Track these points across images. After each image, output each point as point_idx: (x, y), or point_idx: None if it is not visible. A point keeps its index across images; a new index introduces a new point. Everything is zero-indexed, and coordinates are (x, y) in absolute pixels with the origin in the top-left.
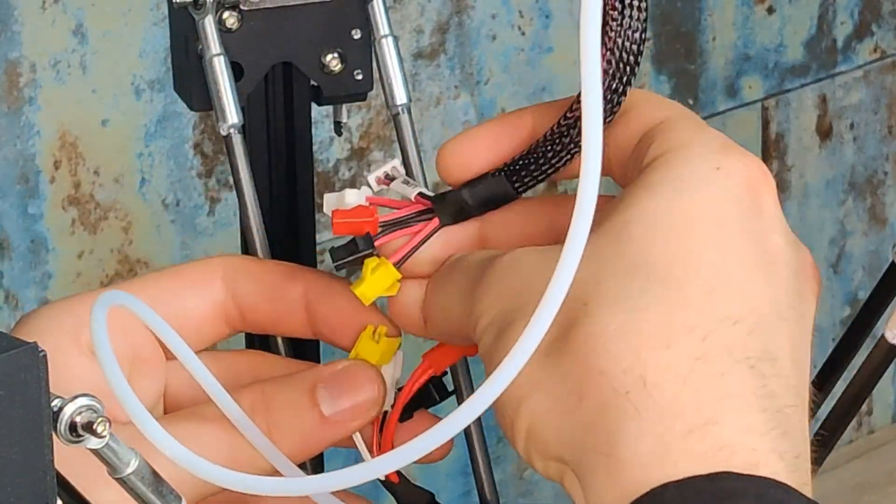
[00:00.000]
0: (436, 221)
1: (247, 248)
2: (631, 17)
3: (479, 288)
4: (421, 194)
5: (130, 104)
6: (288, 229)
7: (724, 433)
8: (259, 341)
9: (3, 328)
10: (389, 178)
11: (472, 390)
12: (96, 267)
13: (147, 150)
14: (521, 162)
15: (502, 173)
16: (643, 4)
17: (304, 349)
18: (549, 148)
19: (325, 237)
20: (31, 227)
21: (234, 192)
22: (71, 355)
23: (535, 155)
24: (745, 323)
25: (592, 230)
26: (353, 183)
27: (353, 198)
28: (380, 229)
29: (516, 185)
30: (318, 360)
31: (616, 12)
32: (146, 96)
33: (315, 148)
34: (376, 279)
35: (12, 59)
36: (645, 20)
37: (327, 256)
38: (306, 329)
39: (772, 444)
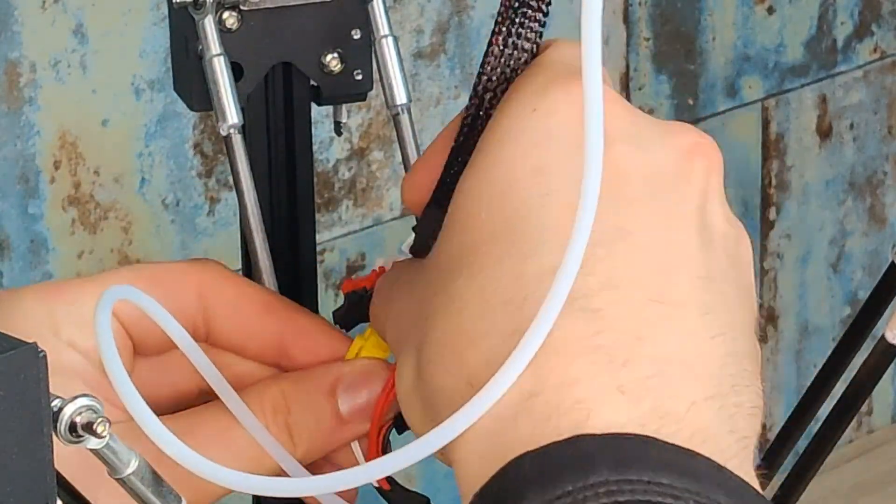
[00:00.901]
0: None
1: (247, 249)
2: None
3: (388, 306)
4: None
5: (130, 104)
6: (288, 229)
7: (550, 397)
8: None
9: None
10: None
11: None
12: (96, 267)
13: (147, 150)
14: (443, 182)
15: (431, 203)
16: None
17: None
18: (457, 158)
19: (324, 237)
20: (31, 227)
21: (234, 192)
22: (53, 350)
23: (450, 171)
24: (549, 269)
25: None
26: (352, 184)
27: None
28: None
29: (442, 204)
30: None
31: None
32: (146, 96)
33: (315, 148)
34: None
35: (12, 59)
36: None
37: (327, 256)
38: (275, 362)
39: (609, 380)
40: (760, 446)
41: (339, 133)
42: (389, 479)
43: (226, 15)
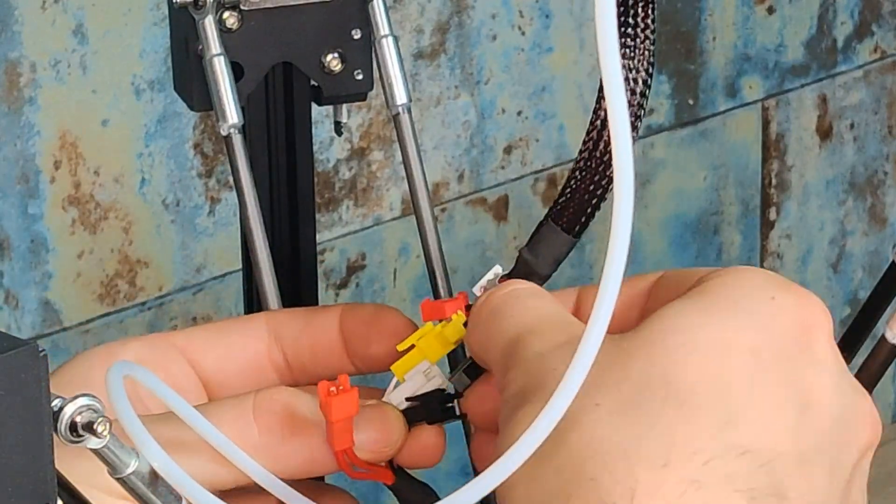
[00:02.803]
0: None
1: (247, 249)
2: (639, 48)
3: (511, 359)
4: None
5: (130, 104)
6: (288, 229)
7: None
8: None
9: (2, 328)
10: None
11: None
12: (96, 267)
13: (147, 150)
14: (560, 201)
15: (548, 218)
16: (650, 32)
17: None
18: (579, 177)
19: (324, 237)
20: (31, 227)
21: (234, 191)
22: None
23: (570, 188)
24: (757, 456)
25: (631, 331)
26: (352, 184)
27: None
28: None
29: (567, 226)
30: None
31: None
32: (146, 96)
33: (315, 148)
34: (451, 327)
35: (12, 59)
36: (653, 51)
37: (328, 256)
38: (345, 360)
39: None
40: None
41: (339, 133)
42: (397, 468)
43: (226, 15)
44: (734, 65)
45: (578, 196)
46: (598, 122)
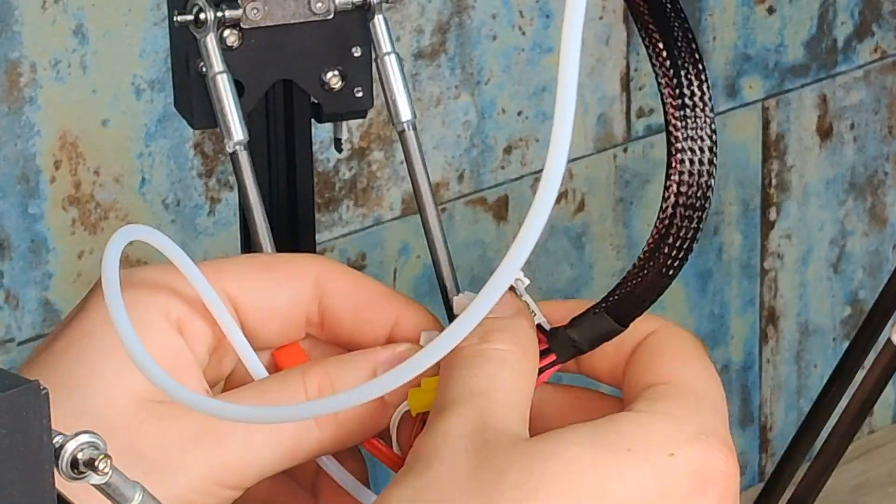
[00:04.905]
0: (552, 357)
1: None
2: (698, 157)
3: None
4: (539, 327)
5: (130, 104)
6: (290, 243)
7: None
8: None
9: (2, 328)
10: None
11: None
12: (96, 267)
13: (147, 150)
14: (617, 294)
15: (603, 309)
16: (711, 132)
17: None
18: (641, 275)
19: (324, 237)
20: (32, 227)
21: (234, 192)
22: (161, 332)
23: (629, 285)
24: None
25: (542, 440)
26: (352, 184)
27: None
28: None
29: (619, 319)
30: None
31: (678, 152)
32: (146, 96)
33: (315, 148)
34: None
35: (13, 59)
36: (714, 156)
37: (328, 256)
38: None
39: None
40: (761, 446)
41: (339, 150)
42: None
43: (227, 33)
44: (734, 65)
45: (638, 292)
46: (666, 215)
